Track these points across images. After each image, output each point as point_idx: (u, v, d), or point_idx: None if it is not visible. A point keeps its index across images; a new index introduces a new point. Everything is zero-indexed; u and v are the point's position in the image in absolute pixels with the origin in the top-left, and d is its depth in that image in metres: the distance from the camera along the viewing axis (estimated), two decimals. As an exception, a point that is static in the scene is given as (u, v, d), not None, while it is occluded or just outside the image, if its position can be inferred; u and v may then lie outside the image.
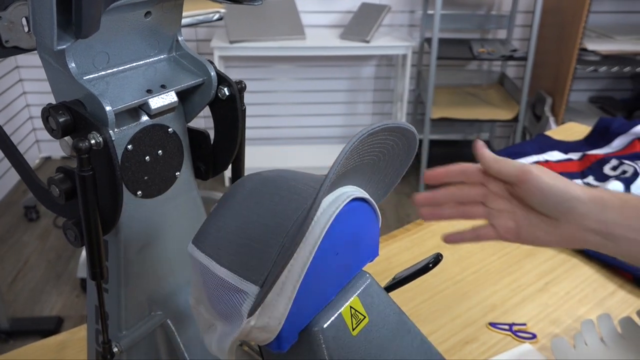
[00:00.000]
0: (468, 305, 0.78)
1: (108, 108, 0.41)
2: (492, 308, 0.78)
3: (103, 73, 0.45)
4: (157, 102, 0.45)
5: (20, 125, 2.79)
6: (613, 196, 0.52)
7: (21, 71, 2.79)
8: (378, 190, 0.49)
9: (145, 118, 0.46)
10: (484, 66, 2.90)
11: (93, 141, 0.40)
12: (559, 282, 0.83)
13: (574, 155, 1.16)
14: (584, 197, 0.52)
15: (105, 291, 0.51)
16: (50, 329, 1.80)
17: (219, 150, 0.53)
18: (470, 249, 0.91)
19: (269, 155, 2.86)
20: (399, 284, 0.53)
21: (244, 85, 0.51)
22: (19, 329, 1.79)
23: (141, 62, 0.47)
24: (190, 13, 1.87)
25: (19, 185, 2.67)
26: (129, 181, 0.46)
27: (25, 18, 0.44)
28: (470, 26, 2.74)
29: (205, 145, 0.53)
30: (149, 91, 0.45)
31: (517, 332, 0.73)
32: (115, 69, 0.46)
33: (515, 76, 2.87)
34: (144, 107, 0.45)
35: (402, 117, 2.61)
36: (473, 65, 2.90)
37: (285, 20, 2.47)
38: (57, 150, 2.91)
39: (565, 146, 1.20)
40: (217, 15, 1.94)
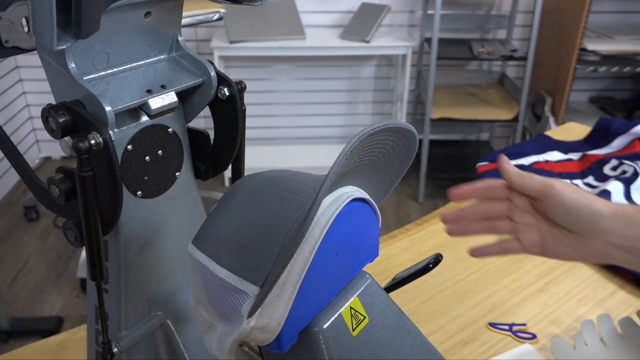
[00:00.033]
0: (468, 306, 0.78)
1: (108, 108, 0.41)
2: (492, 308, 0.78)
3: (103, 73, 0.45)
4: (157, 103, 0.45)
5: (20, 125, 2.79)
6: (636, 211, 0.52)
7: (21, 71, 2.79)
8: (378, 191, 0.49)
9: (145, 118, 0.46)
10: (484, 66, 2.90)
11: (93, 141, 0.40)
12: (559, 282, 0.83)
13: (574, 156, 1.16)
14: (606, 212, 0.52)
15: (105, 291, 0.51)
16: (50, 329, 1.80)
17: (219, 151, 0.53)
18: (470, 249, 0.91)
19: (269, 155, 2.86)
20: (399, 284, 0.53)
21: (244, 85, 0.51)
22: (19, 329, 1.79)
23: (141, 62, 0.47)
24: (190, 13, 1.87)
25: (19, 185, 2.67)
26: (128, 181, 0.46)
27: (25, 18, 0.44)
28: (470, 26, 2.74)
29: (205, 146, 0.53)
30: (149, 91, 0.45)
31: (517, 333, 0.73)
32: (115, 69, 0.46)
33: (515, 76, 2.87)
34: (144, 108, 0.45)
35: (402, 117, 2.61)
36: (473, 65, 2.90)
37: (285, 20, 2.47)
38: (57, 150, 2.91)
39: (565, 146, 1.20)
40: (217, 15, 1.94)
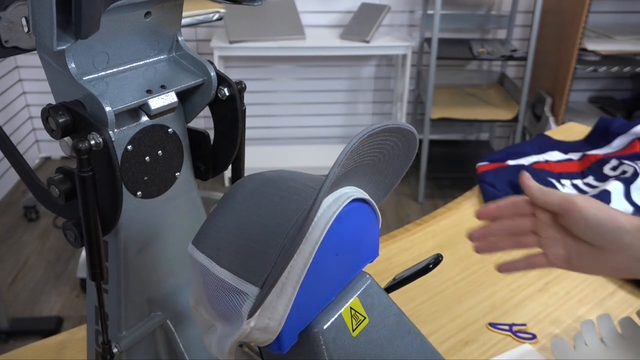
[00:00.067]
0: (468, 306, 0.78)
1: (108, 108, 0.41)
2: (492, 308, 0.78)
3: (103, 73, 0.45)
4: (157, 103, 0.45)
5: (20, 125, 2.79)
6: None
7: (21, 71, 2.79)
8: (378, 191, 0.49)
9: (145, 118, 0.46)
10: (483, 66, 2.90)
11: (93, 142, 0.40)
12: (559, 282, 0.83)
13: (574, 156, 1.16)
14: (629, 227, 0.51)
15: (105, 292, 0.51)
16: (50, 329, 1.80)
17: (219, 151, 0.53)
18: (470, 250, 0.91)
19: (269, 155, 2.86)
20: (399, 284, 0.53)
21: (243, 85, 0.51)
22: (18, 329, 1.79)
23: (141, 63, 0.47)
24: (190, 13, 1.87)
25: (19, 185, 2.67)
26: (128, 182, 0.46)
27: (25, 18, 0.44)
28: (470, 26, 2.74)
29: (205, 146, 0.53)
30: (149, 91, 0.45)
31: (517, 333, 0.73)
32: (115, 69, 0.46)
33: (515, 76, 2.87)
34: (144, 108, 0.45)
35: (402, 117, 2.61)
36: (473, 65, 2.90)
37: (285, 20, 2.47)
38: (57, 150, 2.91)
39: (565, 146, 1.20)
40: (217, 15, 1.94)
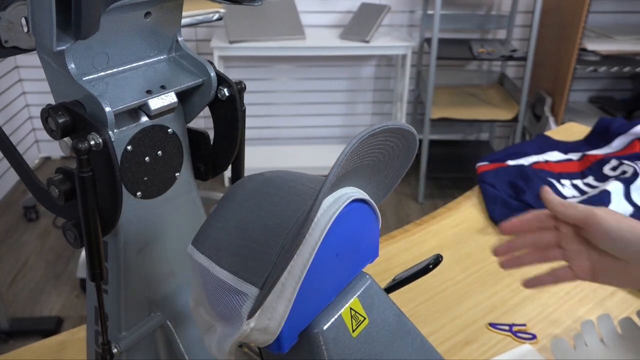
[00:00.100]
0: (468, 306, 0.78)
1: (107, 109, 0.41)
2: (492, 308, 0.78)
3: (103, 74, 0.45)
4: (157, 103, 0.45)
5: (19, 125, 2.79)
6: None
7: (21, 71, 2.79)
8: (378, 191, 0.49)
9: (144, 119, 0.46)
10: (483, 66, 2.90)
11: (92, 142, 0.40)
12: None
13: (574, 156, 1.16)
14: None
15: (104, 292, 0.51)
16: (50, 329, 1.80)
17: (219, 151, 0.53)
18: (470, 250, 0.91)
19: (269, 155, 2.86)
20: (399, 285, 0.53)
21: (243, 85, 0.51)
22: (18, 329, 1.79)
23: (141, 63, 0.47)
24: (190, 13, 1.87)
25: (19, 186, 2.67)
26: (128, 182, 0.46)
27: (25, 18, 0.44)
28: (470, 26, 2.73)
29: (205, 146, 0.53)
30: (149, 92, 0.45)
31: (517, 333, 0.73)
32: (114, 70, 0.45)
33: (515, 76, 2.87)
34: (144, 108, 0.45)
35: (402, 118, 2.61)
36: (473, 65, 2.90)
37: (285, 20, 2.47)
38: (57, 150, 2.91)
39: (565, 146, 1.20)
40: (217, 16, 1.94)
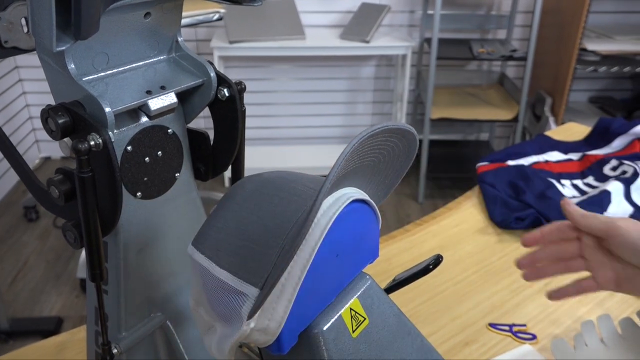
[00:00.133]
0: (468, 306, 0.78)
1: (107, 109, 0.41)
2: (492, 309, 0.78)
3: (102, 74, 0.45)
4: (157, 103, 0.45)
5: (20, 126, 2.79)
6: None
7: (21, 71, 2.79)
8: (378, 192, 0.49)
9: (144, 119, 0.46)
10: (483, 66, 2.90)
11: (92, 142, 0.40)
12: (558, 283, 0.82)
13: (574, 156, 1.16)
14: None
15: (104, 292, 0.51)
16: (50, 330, 1.80)
17: (219, 151, 0.53)
18: (470, 250, 0.91)
19: (269, 155, 2.86)
20: (399, 285, 0.53)
21: (243, 86, 0.51)
22: (18, 329, 1.79)
23: (141, 63, 0.47)
24: (190, 13, 1.87)
25: (19, 186, 2.67)
26: (128, 182, 0.46)
27: (25, 19, 0.44)
28: (470, 26, 2.73)
29: (205, 146, 0.53)
30: (149, 92, 0.45)
31: (517, 333, 0.73)
32: (114, 70, 0.45)
33: (515, 76, 2.87)
34: (144, 108, 0.45)
35: (402, 118, 2.61)
36: (473, 65, 2.90)
37: (285, 20, 2.47)
38: (57, 150, 2.91)
39: (565, 146, 1.20)
40: (217, 16, 1.94)
